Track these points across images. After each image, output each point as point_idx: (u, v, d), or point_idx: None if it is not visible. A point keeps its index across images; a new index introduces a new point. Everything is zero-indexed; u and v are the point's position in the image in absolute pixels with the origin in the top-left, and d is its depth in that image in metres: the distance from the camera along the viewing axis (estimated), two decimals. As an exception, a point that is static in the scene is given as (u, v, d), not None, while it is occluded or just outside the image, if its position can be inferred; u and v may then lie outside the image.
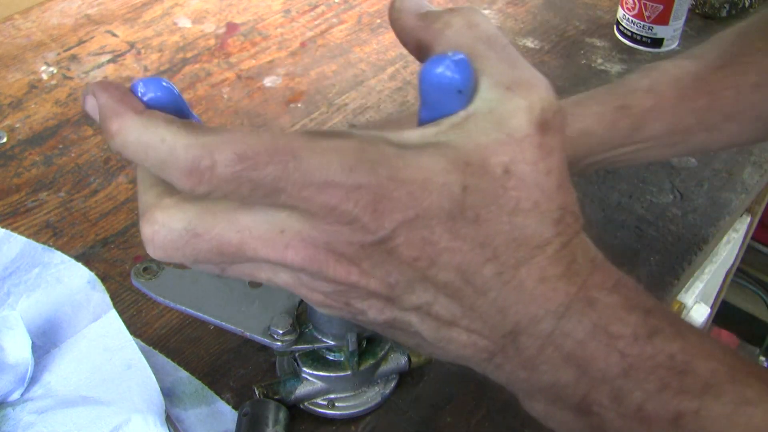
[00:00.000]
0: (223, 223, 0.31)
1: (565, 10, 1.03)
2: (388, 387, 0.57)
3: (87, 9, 0.98)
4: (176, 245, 0.31)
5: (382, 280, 0.32)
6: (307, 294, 0.33)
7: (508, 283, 0.32)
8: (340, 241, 0.30)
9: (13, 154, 0.78)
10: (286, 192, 0.29)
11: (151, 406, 0.55)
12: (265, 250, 0.31)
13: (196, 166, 0.29)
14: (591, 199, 0.76)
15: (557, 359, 0.32)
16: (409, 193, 0.30)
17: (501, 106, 0.32)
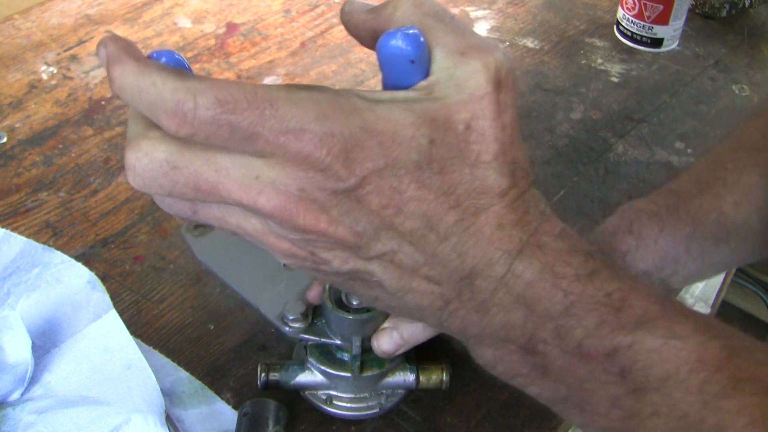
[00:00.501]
0: (202, 160, 0.32)
1: (565, 10, 1.03)
2: (391, 401, 0.57)
3: (87, 9, 0.98)
4: (155, 174, 0.33)
5: (350, 228, 0.33)
6: (274, 243, 0.35)
7: (468, 229, 0.34)
8: (312, 187, 0.32)
9: (13, 154, 0.78)
10: (263, 137, 0.31)
11: (151, 406, 0.55)
12: (238, 193, 0.32)
13: (180, 107, 0.31)
14: (591, 199, 0.76)
15: (508, 301, 0.35)
16: (379, 143, 0.32)
17: (458, 70, 0.35)
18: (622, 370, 0.34)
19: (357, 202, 0.33)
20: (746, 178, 0.56)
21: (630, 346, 0.34)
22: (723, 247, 0.55)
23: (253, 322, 0.63)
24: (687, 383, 0.33)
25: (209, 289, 0.66)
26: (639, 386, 0.34)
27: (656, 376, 0.33)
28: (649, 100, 0.89)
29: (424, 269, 0.35)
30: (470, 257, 0.35)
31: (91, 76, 0.88)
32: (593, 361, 0.34)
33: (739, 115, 0.87)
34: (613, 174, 0.79)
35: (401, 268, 0.35)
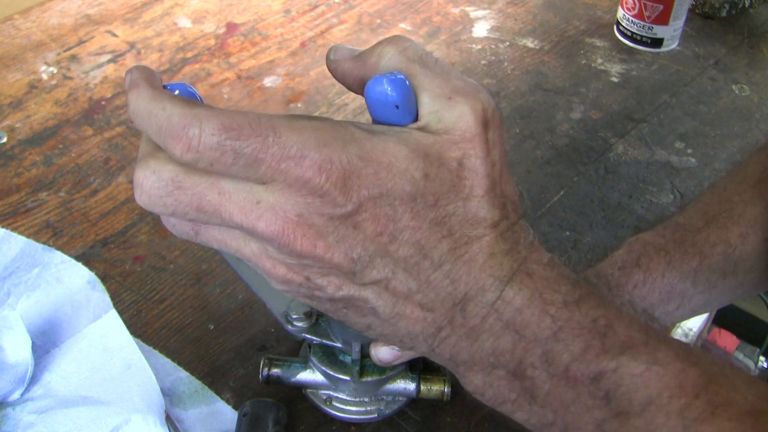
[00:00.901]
0: (206, 183, 0.34)
1: (565, 10, 1.03)
2: (390, 407, 0.57)
3: (87, 9, 0.98)
4: (161, 192, 0.34)
5: (346, 254, 0.35)
6: (271, 267, 0.36)
7: (461, 257, 0.36)
8: (311, 212, 0.33)
9: (13, 154, 0.78)
10: (265, 163, 0.33)
11: (151, 406, 0.55)
12: (239, 216, 0.34)
13: (186, 132, 0.33)
14: (591, 199, 0.76)
15: (498, 327, 0.36)
16: (375, 172, 0.34)
17: (447, 114, 0.36)
18: (607, 394, 0.35)
19: (353, 228, 0.34)
20: (752, 209, 0.56)
21: (615, 370, 0.35)
22: (730, 279, 0.56)
23: (253, 322, 0.63)
24: (668, 408, 0.34)
25: (209, 289, 0.66)
26: (623, 410, 0.35)
27: (639, 401, 0.34)
28: (649, 100, 0.89)
29: (417, 296, 0.36)
30: (463, 284, 0.36)
31: (91, 76, 0.88)
32: (579, 385, 0.35)
33: (739, 115, 0.87)
34: (613, 174, 0.79)
35: (395, 295, 0.36)
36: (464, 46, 0.96)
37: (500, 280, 0.36)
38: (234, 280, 0.66)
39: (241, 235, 0.36)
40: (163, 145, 0.34)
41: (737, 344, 1.78)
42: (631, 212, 0.75)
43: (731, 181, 0.60)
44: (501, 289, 0.36)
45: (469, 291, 0.36)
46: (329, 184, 0.33)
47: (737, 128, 0.85)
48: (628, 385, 0.35)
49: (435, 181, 0.35)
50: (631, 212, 0.75)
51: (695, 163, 0.81)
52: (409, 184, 0.35)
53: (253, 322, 0.63)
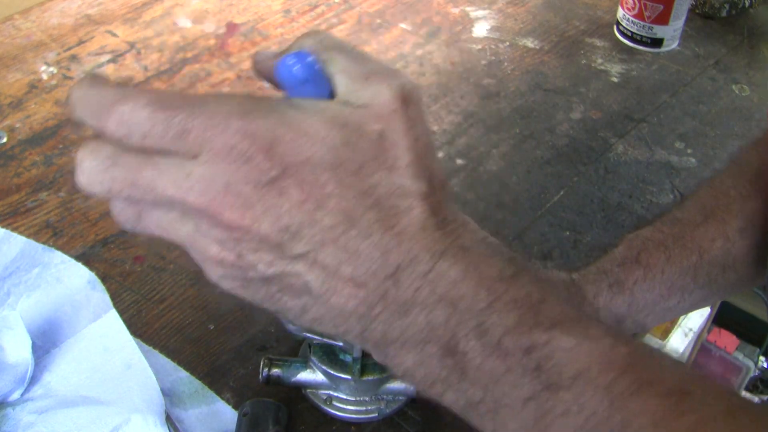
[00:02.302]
0: (141, 159, 0.35)
1: (565, 10, 1.03)
2: (390, 407, 0.57)
3: (87, 9, 0.98)
4: (98, 169, 0.36)
5: (273, 224, 0.35)
6: (204, 247, 0.36)
7: (391, 228, 0.36)
8: (237, 180, 0.34)
9: (13, 154, 0.78)
10: (192, 132, 0.34)
11: (151, 406, 0.55)
12: (172, 189, 0.35)
13: (118, 107, 0.35)
14: (591, 199, 0.76)
15: (431, 300, 0.36)
16: (296, 138, 0.35)
17: (365, 91, 0.38)
18: (538, 366, 0.35)
19: (278, 195, 0.35)
20: (750, 204, 0.56)
21: (547, 342, 0.35)
22: (730, 273, 0.56)
23: (253, 322, 0.63)
24: (596, 382, 0.34)
25: (209, 289, 0.66)
26: (552, 383, 0.35)
27: (568, 374, 0.35)
28: (649, 100, 0.89)
29: (348, 268, 0.36)
30: (394, 254, 0.36)
31: (91, 76, 0.88)
32: (511, 357, 0.35)
33: (739, 115, 0.87)
34: (613, 174, 0.79)
35: (324, 268, 0.36)
36: (464, 46, 0.96)
37: (433, 252, 0.36)
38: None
39: (177, 216, 0.36)
40: (99, 127, 0.35)
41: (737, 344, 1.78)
42: (631, 212, 0.75)
43: (728, 175, 0.60)
44: (435, 261, 0.36)
45: (402, 262, 0.36)
46: (253, 149, 0.34)
47: (737, 128, 0.86)
48: (559, 358, 0.35)
49: (356, 149, 0.36)
50: (631, 212, 0.75)
51: (695, 163, 0.81)
52: (329, 152, 0.36)
53: (253, 322, 0.63)
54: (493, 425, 0.37)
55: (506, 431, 0.37)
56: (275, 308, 0.39)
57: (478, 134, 0.83)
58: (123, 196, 0.36)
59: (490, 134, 0.83)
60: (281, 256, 0.36)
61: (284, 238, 0.36)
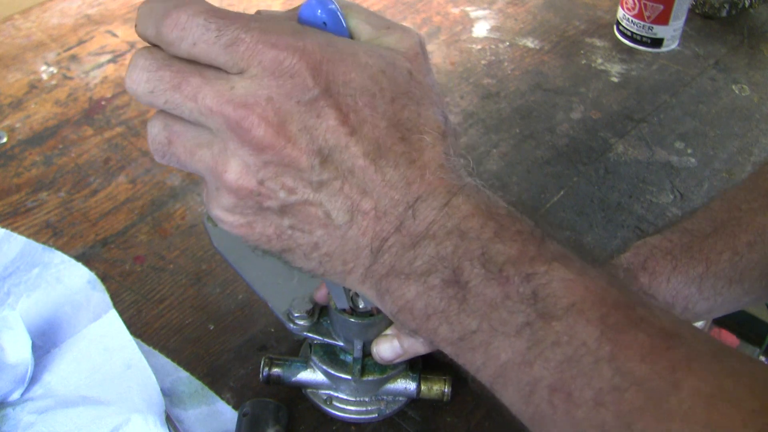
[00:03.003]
0: (190, 67, 0.36)
1: (565, 10, 1.03)
2: (390, 407, 0.57)
3: (87, 9, 0.98)
4: (150, 68, 0.37)
5: (306, 144, 0.36)
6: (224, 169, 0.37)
7: (414, 162, 0.37)
8: (280, 95, 0.35)
9: (13, 154, 0.78)
10: (244, 43, 0.35)
11: (151, 406, 0.55)
12: (212, 99, 0.36)
13: (176, 12, 0.36)
14: (591, 199, 0.76)
15: (442, 233, 0.37)
16: (341, 60, 0.36)
17: (388, 38, 0.40)
18: (534, 293, 0.36)
19: (317, 116, 0.36)
20: (761, 219, 0.56)
21: (545, 273, 0.36)
22: (736, 287, 0.56)
23: (253, 322, 0.63)
24: (588, 315, 0.35)
25: (209, 289, 0.66)
26: (547, 312, 0.36)
27: (562, 305, 0.36)
28: (649, 100, 0.89)
29: (373, 196, 0.37)
30: (415, 186, 0.37)
31: (91, 76, 0.88)
32: (509, 285, 0.36)
33: (739, 115, 0.87)
34: (613, 174, 0.79)
35: (350, 197, 0.37)
36: (464, 46, 0.96)
37: (450, 188, 0.38)
38: (234, 280, 0.66)
39: (207, 136, 0.37)
40: (156, 33, 0.36)
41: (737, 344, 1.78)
42: (631, 212, 0.75)
43: (741, 189, 0.60)
44: (451, 196, 0.38)
45: (422, 194, 0.37)
46: (301, 65, 0.35)
47: (737, 128, 0.86)
48: (555, 288, 0.36)
49: (391, 80, 0.38)
50: (631, 212, 0.75)
51: (695, 163, 0.81)
52: (369, 78, 0.37)
53: (253, 322, 0.63)
54: (484, 358, 0.38)
55: (497, 362, 0.37)
56: (280, 247, 0.39)
57: (478, 134, 0.83)
58: (162, 101, 0.37)
59: (490, 134, 0.83)
60: (306, 183, 0.37)
61: (314, 162, 0.36)
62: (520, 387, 0.37)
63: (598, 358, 0.35)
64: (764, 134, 0.85)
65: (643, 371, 0.34)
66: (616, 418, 0.34)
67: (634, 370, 0.34)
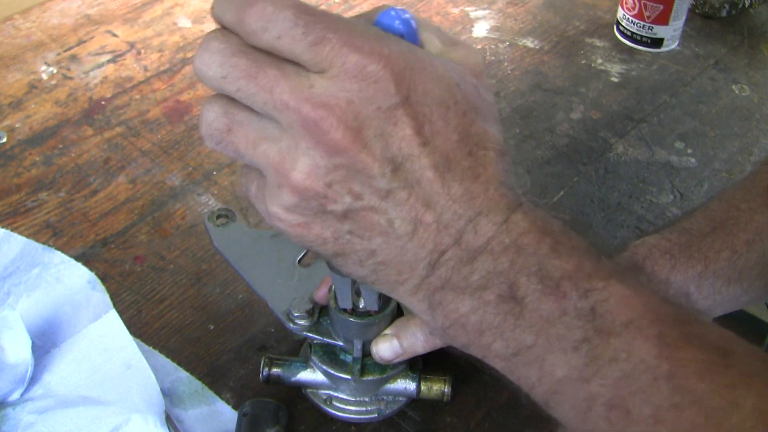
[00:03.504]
0: (269, 59, 0.35)
1: (565, 10, 1.03)
2: (390, 407, 0.57)
3: (87, 9, 0.98)
4: (224, 53, 0.36)
5: (380, 151, 0.36)
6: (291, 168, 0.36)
7: (478, 177, 0.38)
8: (361, 99, 0.35)
9: (13, 154, 0.78)
10: (330, 43, 0.34)
11: (151, 406, 0.55)
12: (289, 95, 0.35)
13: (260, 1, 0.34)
14: (591, 199, 0.76)
15: (499, 248, 0.37)
16: (422, 70, 0.36)
17: (456, 53, 0.40)
18: (593, 309, 0.36)
19: (394, 124, 0.35)
20: (759, 218, 0.56)
21: (603, 288, 0.36)
22: (735, 287, 0.56)
23: (253, 322, 0.63)
24: (647, 332, 0.35)
25: (209, 289, 0.66)
26: (604, 329, 0.36)
27: (620, 321, 0.36)
28: (649, 100, 0.89)
29: (437, 209, 0.37)
30: (479, 201, 0.37)
31: (91, 76, 0.88)
32: (567, 300, 0.36)
33: (739, 115, 0.87)
34: (613, 174, 0.79)
35: (415, 208, 0.37)
36: (464, 46, 0.96)
37: (509, 204, 0.38)
38: (234, 280, 0.66)
39: (275, 130, 0.36)
40: (237, 20, 0.35)
41: (737, 344, 1.77)
42: (631, 212, 0.75)
43: (740, 189, 0.60)
44: (510, 212, 0.38)
45: (483, 209, 0.37)
46: (385, 72, 0.35)
47: (737, 128, 0.86)
48: (613, 304, 0.36)
49: (465, 95, 0.38)
50: (631, 212, 0.75)
51: (695, 163, 0.81)
52: (446, 90, 0.37)
53: (253, 322, 0.63)
54: (539, 373, 0.38)
55: (552, 379, 0.37)
56: (334, 251, 0.39)
57: (478, 134, 0.83)
58: (234, 88, 0.36)
59: (490, 134, 0.83)
60: (374, 190, 0.37)
61: (386, 170, 0.36)
62: (577, 403, 0.37)
63: (657, 375, 0.34)
64: (764, 134, 0.85)
65: (702, 389, 0.34)
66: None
67: (693, 388, 0.34)
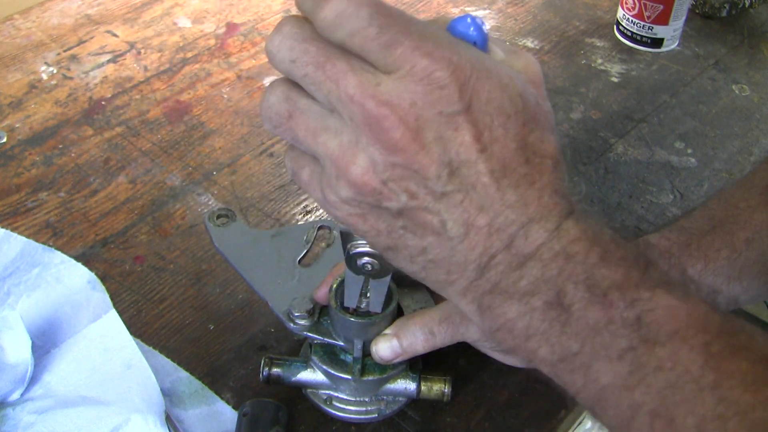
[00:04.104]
0: (338, 52, 0.36)
1: (565, 10, 1.03)
2: (390, 408, 0.57)
3: (87, 9, 0.98)
4: (296, 38, 0.37)
5: (438, 155, 0.36)
6: (350, 162, 0.37)
7: (533, 184, 0.38)
8: (425, 103, 0.35)
9: (13, 154, 0.78)
10: (402, 46, 0.35)
11: (151, 406, 0.55)
12: (355, 89, 0.36)
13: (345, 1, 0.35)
14: (591, 199, 0.76)
15: (548, 255, 0.38)
16: (488, 78, 0.37)
17: (517, 61, 0.40)
18: (639, 319, 0.36)
19: (454, 129, 0.36)
20: (758, 216, 0.57)
21: (650, 298, 0.36)
22: (735, 285, 0.56)
23: (253, 322, 0.63)
24: (692, 342, 0.36)
25: (209, 289, 0.66)
26: (650, 338, 0.36)
27: (666, 331, 0.36)
28: (649, 100, 0.89)
29: (489, 213, 0.37)
30: (532, 208, 0.38)
31: (91, 76, 0.88)
32: (613, 310, 0.37)
33: (739, 115, 0.87)
34: (613, 174, 0.79)
35: (468, 211, 0.37)
36: (464, 46, 0.96)
37: (562, 211, 0.38)
38: (234, 280, 0.66)
39: (337, 123, 0.37)
40: (314, 10, 0.36)
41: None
42: (631, 212, 0.75)
43: (739, 188, 0.60)
44: (562, 220, 0.38)
45: (535, 216, 0.38)
46: (451, 80, 0.35)
47: (737, 128, 0.86)
48: (659, 314, 0.36)
49: (526, 105, 0.38)
50: (631, 212, 0.75)
51: (695, 163, 0.81)
52: (508, 100, 0.37)
53: (253, 322, 0.63)
54: (584, 380, 0.38)
55: (596, 386, 0.38)
56: (386, 244, 0.40)
57: (478, 134, 0.83)
58: (302, 73, 0.37)
59: (490, 134, 0.83)
60: (429, 191, 0.37)
61: (442, 173, 0.37)
62: (621, 411, 0.37)
63: (702, 386, 0.35)
64: (764, 134, 0.85)
65: (747, 401, 0.34)
66: None
67: (738, 399, 0.34)
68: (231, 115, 0.84)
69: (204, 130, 0.82)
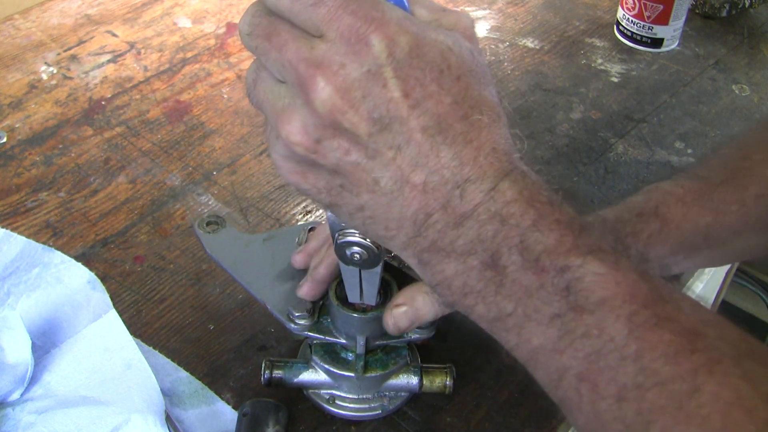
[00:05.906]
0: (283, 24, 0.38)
1: (565, 10, 1.03)
2: (393, 403, 0.57)
3: (87, 9, 0.98)
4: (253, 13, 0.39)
5: (368, 111, 0.37)
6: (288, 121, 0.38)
7: (471, 142, 0.38)
8: (352, 62, 0.36)
9: (13, 154, 0.78)
10: (326, 5, 0.36)
11: (151, 406, 0.55)
12: (293, 53, 0.37)
13: None
14: (591, 199, 0.76)
15: (485, 216, 0.38)
16: (415, 34, 0.37)
17: (446, 19, 0.41)
18: (568, 286, 0.37)
19: (383, 86, 0.37)
20: None
21: (580, 266, 0.37)
22: (740, 239, 0.57)
23: (253, 322, 0.63)
24: (618, 311, 0.36)
25: (209, 289, 0.66)
26: (579, 305, 0.37)
27: (594, 299, 0.36)
28: (649, 100, 0.89)
29: (423, 171, 0.38)
30: (468, 167, 0.38)
31: (91, 76, 0.88)
32: (545, 275, 0.37)
33: (739, 115, 0.87)
34: (613, 174, 0.79)
35: (402, 168, 0.38)
36: (464, 46, 0.96)
37: (499, 172, 0.38)
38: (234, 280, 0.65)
39: (283, 88, 0.39)
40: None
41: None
42: (631, 212, 0.75)
43: (752, 140, 0.60)
44: (498, 180, 0.38)
45: (471, 176, 0.38)
46: (376, 35, 0.36)
47: (737, 128, 0.85)
48: (588, 282, 0.37)
49: (459, 57, 0.38)
50: (631, 212, 0.75)
51: (695, 163, 0.81)
52: (439, 54, 0.37)
53: (253, 322, 0.63)
54: (517, 339, 0.39)
55: (528, 346, 0.39)
56: (328, 201, 0.41)
57: (478, 134, 0.83)
58: (254, 45, 0.39)
59: (490, 134, 0.83)
60: (360, 148, 0.38)
61: (372, 130, 0.37)
62: (550, 372, 0.38)
63: (624, 355, 0.36)
64: (764, 134, 0.85)
65: (667, 372, 0.35)
66: (637, 414, 0.35)
67: (658, 370, 0.35)
68: (231, 115, 0.84)
69: (204, 130, 0.82)
